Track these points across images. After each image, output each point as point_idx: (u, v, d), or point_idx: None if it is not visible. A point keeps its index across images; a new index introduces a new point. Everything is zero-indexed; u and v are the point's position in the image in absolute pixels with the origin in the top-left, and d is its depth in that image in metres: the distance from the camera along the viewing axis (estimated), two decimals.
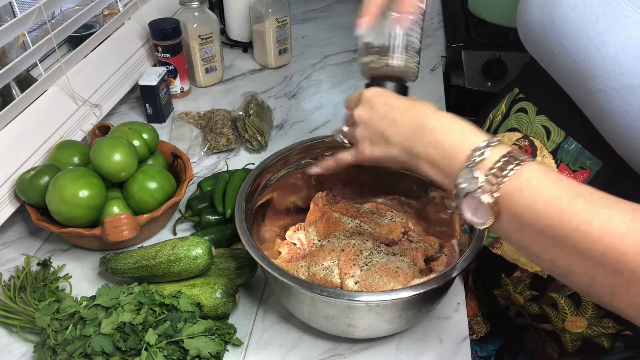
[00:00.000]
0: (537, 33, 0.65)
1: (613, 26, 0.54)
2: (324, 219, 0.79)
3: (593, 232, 0.41)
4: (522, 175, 0.45)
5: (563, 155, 0.65)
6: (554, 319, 0.69)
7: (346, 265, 0.70)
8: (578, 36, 0.57)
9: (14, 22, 0.80)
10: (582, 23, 0.57)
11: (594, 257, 0.41)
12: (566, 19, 0.59)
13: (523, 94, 0.74)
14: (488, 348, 0.86)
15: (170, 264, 0.70)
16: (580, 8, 0.57)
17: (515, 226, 0.46)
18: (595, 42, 0.55)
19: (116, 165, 0.78)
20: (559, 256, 0.44)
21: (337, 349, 0.68)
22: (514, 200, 0.45)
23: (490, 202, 0.46)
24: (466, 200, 0.47)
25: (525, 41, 0.70)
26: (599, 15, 0.55)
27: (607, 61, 0.54)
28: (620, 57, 0.53)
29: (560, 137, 0.66)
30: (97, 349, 0.61)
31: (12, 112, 0.84)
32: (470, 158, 0.47)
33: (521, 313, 0.75)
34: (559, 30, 0.60)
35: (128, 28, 1.15)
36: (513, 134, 0.73)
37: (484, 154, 0.47)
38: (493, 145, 0.47)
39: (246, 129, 1.03)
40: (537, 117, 0.69)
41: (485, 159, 0.47)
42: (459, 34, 1.35)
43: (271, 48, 1.25)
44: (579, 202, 0.42)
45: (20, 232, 0.87)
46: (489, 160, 0.47)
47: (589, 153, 0.63)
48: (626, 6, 0.53)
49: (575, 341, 0.69)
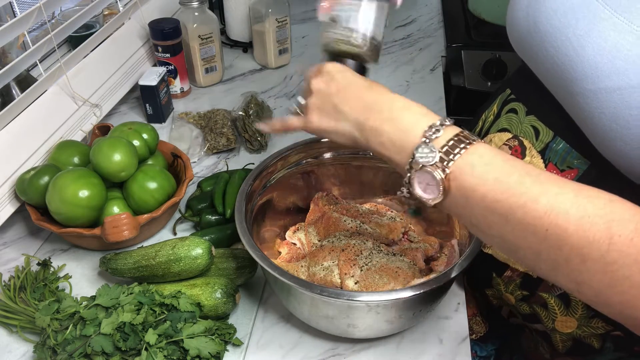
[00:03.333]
0: (523, 37, 0.65)
1: (591, 29, 0.54)
2: (324, 219, 0.79)
3: (538, 208, 0.42)
4: (474, 153, 0.47)
5: (551, 155, 0.66)
6: (544, 319, 0.70)
7: (346, 265, 0.70)
8: (559, 40, 0.58)
9: (14, 22, 0.80)
10: (562, 26, 0.58)
11: (539, 233, 0.43)
12: (549, 23, 0.60)
13: (514, 94, 0.74)
14: (488, 348, 0.87)
15: (170, 264, 0.70)
16: (562, 12, 0.58)
17: (463, 202, 0.47)
18: (574, 45, 0.56)
19: (116, 165, 0.78)
20: (506, 232, 0.45)
21: (337, 349, 0.68)
22: (464, 177, 0.47)
23: (441, 178, 0.47)
24: (418, 175, 0.49)
25: (514, 44, 0.70)
26: (579, 18, 0.56)
27: (585, 64, 0.55)
28: (596, 60, 0.53)
29: (548, 136, 0.66)
30: (97, 349, 0.61)
31: (12, 112, 0.84)
32: (427, 134, 0.49)
33: (514, 313, 0.75)
34: (543, 34, 0.61)
35: (128, 28, 1.15)
36: (504, 134, 0.73)
37: (439, 131, 0.49)
38: (447, 125, 0.49)
39: (246, 129, 1.03)
40: (527, 117, 0.70)
41: (440, 136, 0.49)
42: (459, 34, 1.35)
43: (271, 48, 1.25)
44: (527, 180, 0.44)
45: (20, 232, 0.87)
46: (443, 138, 0.48)
47: (577, 152, 0.63)
48: (603, 9, 0.54)
49: (566, 341, 0.69)
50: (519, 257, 0.46)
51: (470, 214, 0.48)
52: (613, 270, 0.40)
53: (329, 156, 0.82)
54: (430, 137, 0.49)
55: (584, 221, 0.41)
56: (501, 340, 0.87)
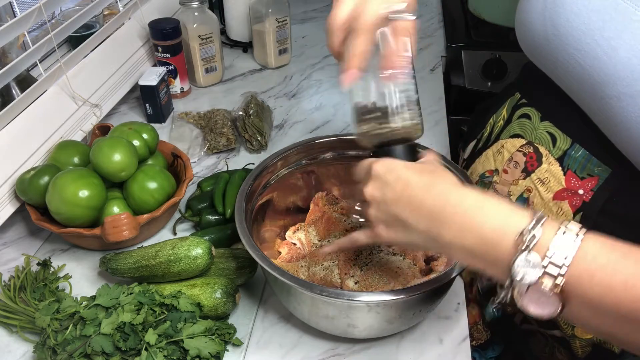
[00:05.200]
0: (538, 40, 0.64)
1: (622, 31, 0.53)
2: (324, 219, 0.79)
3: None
4: (587, 254, 0.40)
5: (570, 162, 0.65)
6: (563, 325, 0.68)
7: (346, 265, 0.70)
8: (585, 42, 0.56)
9: (14, 22, 0.80)
10: (587, 29, 0.56)
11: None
12: (571, 26, 0.58)
13: (525, 99, 0.73)
14: (487, 355, 0.86)
15: (170, 264, 0.70)
16: (585, 14, 0.56)
17: (589, 313, 0.41)
18: (604, 48, 0.54)
19: (116, 165, 0.78)
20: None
21: (337, 349, 0.68)
22: (584, 285, 0.40)
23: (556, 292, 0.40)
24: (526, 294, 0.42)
25: (525, 48, 0.69)
26: (606, 20, 0.55)
27: (619, 67, 0.53)
28: (632, 62, 0.52)
29: (566, 143, 0.65)
30: (97, 349, 0.61)
31: (12, 112, 0.84)
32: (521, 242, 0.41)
33: (527, 319, 0.75)
34: (564, 37, 0.59)
35: (128, 28, 1.15)
36: (516, 140, 0.72)
37: (535, 236, 0.41)
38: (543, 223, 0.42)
39: (246, 129, 1.03)
40: (542, 124, 0.69)
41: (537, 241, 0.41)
42: (459, 34, 1.35)
43: (271, 48, 1.25)
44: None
45: (20, 232, 0.87)
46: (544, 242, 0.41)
47: (597, 160, 0.62)
48: (634, 11, 0.53)
49: (585, 347, 0.68)
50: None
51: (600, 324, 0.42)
52: None
53: (329, 156, 0.82)
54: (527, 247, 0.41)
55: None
56: (504, 347, 0.86)
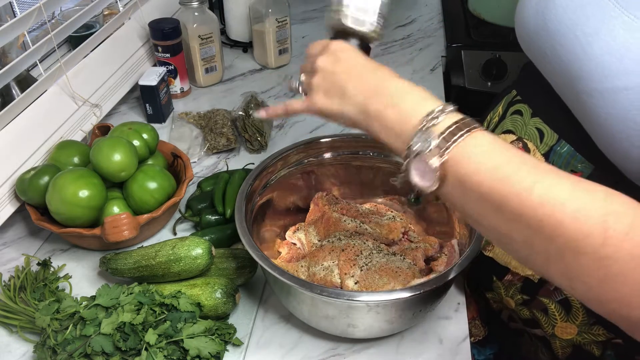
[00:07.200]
0: (531, 34, 0.64)
1: (600, 27, 0.53)
2: (324, 219, 0.79)
3: (533, 199, 0.41)
4: (471, 142, 0.45)
5: (555, 158, 0.65)
6: (544, 324, 0.69)
7: (346, 265, 0.70)
8: (568, 37, 0.57)
9: (14, 22, 0.80)
10: (572, 24, 0.57)
11: (532, 224, 0.41)
12: (558, 20, 0.58)
13: (520, 96, 0.73)
14: (486, 352, 0.86)
15: (170, 264, 0.70)
16: (572, 9, 0.57)
17: (459, 191, 0.46)
18: (582, 43, 0.55)
19: (116, 165, 0.78)
20: (499, 222, 0.44)
21: (337, 349, 0.68)
22: (460, 165, 0.45)
23: (437, 166, 0.46)
24: (415, 162, 0.48)
25: (521, 42, 0.69)
26: (589, 16, 0.55)
27: (592, 63, 0.53)
28: (604, 58, 0.52)
29: (553, 139, 0.66)
30: (97, 349, 0.61)
31: (12, 112, 0.84)
32: (424, 121, 0.48)
33: (513, 317, 0.75)
34: (552, 31, 0.59)
35: (128, 28, 1.15)
36: (508, 136, 0.72)
37: (438, 118, 0.47)
38: (447, 112, 0.48)
39: (246, 129, 1.03)
40: (532, 120, 0.69)
41: (439, 123, 0.47)
42: (459, 34, 1.35)
43: (271, 48, 1.25)
44: (523, 169, 0.43)
45: (20, 232, 0.87)
46: (442, 125, 0.47)
47: (581, 156, 0.62)
48: (613, 7, 0.53)
49: (566, 348, 0.69)
50: (512, 249, 0.45)
51: (465, 203, 0.47)
52: (607, 265, 0.38)
53: (329, 156, 0.82)
54: (428, 123, 0.47)
55: (579, 214, 0.39)
56: (500, 345, 0.87)
